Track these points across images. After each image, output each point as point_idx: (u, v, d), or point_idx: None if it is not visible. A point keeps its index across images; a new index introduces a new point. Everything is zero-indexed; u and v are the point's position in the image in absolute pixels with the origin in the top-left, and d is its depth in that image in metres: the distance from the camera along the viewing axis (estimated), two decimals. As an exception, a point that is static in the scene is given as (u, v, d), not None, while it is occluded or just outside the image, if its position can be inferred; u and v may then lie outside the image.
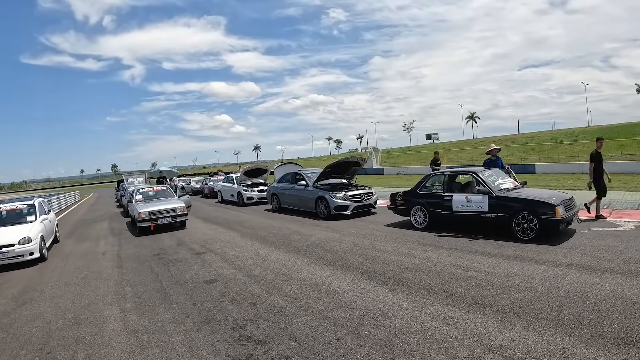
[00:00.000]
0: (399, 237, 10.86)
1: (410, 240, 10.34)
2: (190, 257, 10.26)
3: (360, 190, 15.53)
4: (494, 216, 10.03)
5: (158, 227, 14.73)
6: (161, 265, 9.70)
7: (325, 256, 9.35)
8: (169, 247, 11.80)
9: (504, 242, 9.17)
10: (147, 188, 18.01)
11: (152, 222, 14.54)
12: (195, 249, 11.33)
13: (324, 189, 15.74)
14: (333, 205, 14.81)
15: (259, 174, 25.02)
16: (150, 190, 17.61)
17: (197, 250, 11.13)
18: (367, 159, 58.04)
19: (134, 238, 14.09)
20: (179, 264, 9.61)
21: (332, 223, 14.08)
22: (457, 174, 11.94)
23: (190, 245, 11.85)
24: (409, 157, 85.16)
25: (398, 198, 12.64)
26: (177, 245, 12.01)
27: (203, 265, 9.37)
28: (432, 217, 11.57)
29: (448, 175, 11.62)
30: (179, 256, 10.50)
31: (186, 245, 12.01)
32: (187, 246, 11.80)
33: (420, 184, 12.21)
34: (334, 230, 12.59)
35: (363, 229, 12.60)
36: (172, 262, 9.92)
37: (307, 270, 8.30)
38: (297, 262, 8.97)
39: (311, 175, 17.07)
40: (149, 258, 10.60)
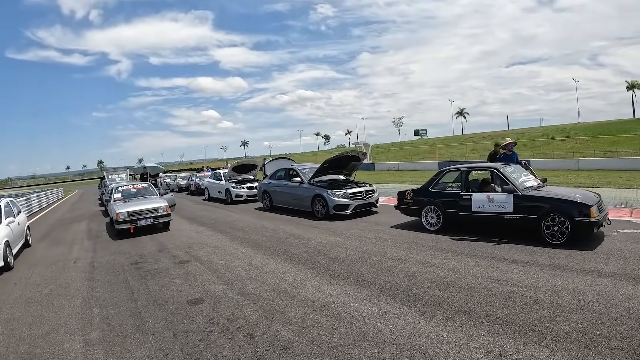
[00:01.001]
0: (411, 242, 9.64)
1: (425, 246, 9.17)
2: (173, 267, 8.87)
3: (361, 188, 14.21)
4: (520, 218, 8.95)
5: (138, 230, 13.28)
6: (138, 277, 8.32)
7: (331, 266, 8.03)
8: (149, 254, 10.39)
9: (532, 247, 8.19)
10: (127, 185, 16.43)
11: (131, 224, 13.10)
12: (178, 256, 9.94)
13: (322, 186, 14.36)
14: (332, 205, 13.46)
15: (249, 169, 23.40)
16: (130, 187, 16.06)
17: (180, 257, 9.73)
18: (360, 154, 57.61)
19: (111, 242, 12.64)
20: (159, 277, 8.22)
21: (331, 224, 12.73)
22: (476, 169, 10.73)
23: (173, 252, 10.44)
24: (398, 152, 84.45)
25: (407, 197, 11.38)
26: (158, 252, 10.60)
27: (187, 278, 7.98)
28: (447, 218, 10.37)
29: (466, 171, 10.34)
30: (160, 266, 9.10)
31: (168, 251, 10.60)
32: (169, 252, 10.39)
33: (432, 181, 10.97)
34: (335, 233, 11.27)
35: (368, 231, 11.30)
36: (151, 273, 8.54)
37: (312, 285, 6.95)
38: (299, 275, 7.62)
39: (306, 171, 15.65)
40: (125, 268, 9.20)
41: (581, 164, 35.77)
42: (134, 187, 16.08)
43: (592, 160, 37.92)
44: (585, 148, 52.35)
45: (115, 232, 13.49)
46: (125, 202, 14.29)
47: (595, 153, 47.68)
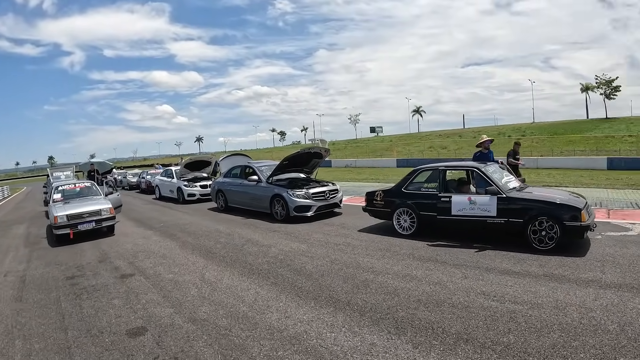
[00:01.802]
0: (384, 249, 8.69)
1: (401, 253, 8.25)
2: (113, 283, 7.58)
3: (324, 187, 13.16)
4: (504, 222, 8.24)
5: (79, 235, 11.86)
6: (72, 297, 7.00)
7: (297, 281, 6.94)
8: (88, 265, 9.06)
9: (519, 254, 7.58)
10: (68, 185, 14.87)
11: (71, 229, 11.68)
12: (120, 267, 8.65)
13: (281, 185, 13.24)
14: (293, 206, 12.39)
15: (202, 166, 22.12)
16: (72, 187, 14.58)
17: (123, 270, 8.46)
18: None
19: (48, 250, 11.20)
20: (97, 296, 6.94)
21: (292, 227, 11.64)
22: (454, 169, 9.87)
23: (115, 262, 9.14)
24: (355, 149, 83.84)
25: (377, 198, 10.40)
26: (98, 262, 9.28)
27: (128, 298, 6.72)
28: (422, 221, 9.49)
29: (443, 170, 9.44)
30: (99, 281, 7.80)
31: (110, 261, 9.28)
32: (111, 263, 9.08)
33: (405, 181, 10.01)
34: (298, 239, 10.20)
35: (334, 236, 10.28)
36: (87, 291, 7.25)
37: (277, 308, 5.82)
38: (261, 293, 6.47)
39: (264, 168, 14.47)
40: (59, 284, 7.86)
41: (540, 163, 36.17)
42: (76, 187, 14.56)
43: (550, 159, 38.36)
44: (541, 147, 52.89)
45: (54, 238, 12.05)
46: (66, 203, 12.85)
47: (553, 152, 48.16)
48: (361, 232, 10.42)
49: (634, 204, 12.75)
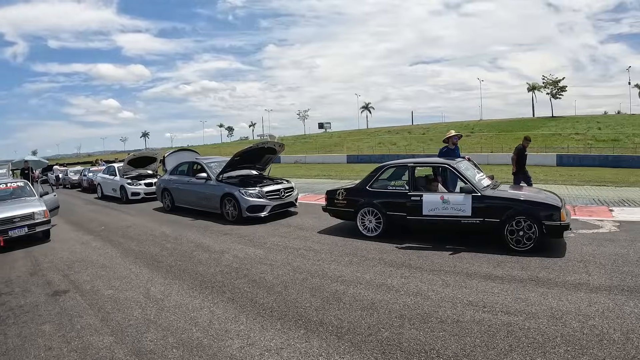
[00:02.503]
0: (350, 253, 7.98)
1: (369, 258, 7.57)
2: (44, 303, 6.47)
3: (279, 185, 12.29)
4: (480, 222, 7.81)
5: (10, 242, 10.61)
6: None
7: (257, 296, 6.06)
8: (18, 279, 7.90)
9: (496, 256, 7.22)
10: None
11: (1, 235, 10.42)
12: (54, 282, 7.53)
13: (232, 183, 12.29)
14: (245, 205, 11.47)
15: (147, 163, 20.71)
16: (3, 187, 13.17)
17: (56, 285, 7.34)
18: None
19: None
20: (24, 320, 5.86)
21: (246, 229, 10.73)
22: (424, 165, 9.37)
23: (48, 275, 7.99)
24: (304, 145, 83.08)
25: (338, 197, 9.63)
26: (30, 275, 8.13)
27: (61, 322, 5.65)
28: (390, 222, 8.86)
29: (412, 167, 8.76)
30: (28, 300, 6.67)
31: (43, 273, 8.13)
32: (44, 276, 7.93)
33: (370, 178, 9.31)
34: (253, 242, 9.32)
35: (293, 239, 9.46)
36: (15, 313, 6.15)
37: (237, 332, 4.92)
38: (217, 313, 5.55)
39: (213, 165, 13.44)
40: (-20, 304, 6.77)
41: (490, 159, 36.80)
42: (8, 187, 13.15)
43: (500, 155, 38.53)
44: (490, 144, 53.45)
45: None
46: (-6, 206, 11.61)
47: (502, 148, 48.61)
48: (322, 234, 9.67)
49: (596, 200, 12.76)
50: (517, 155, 12.72)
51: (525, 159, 12.83)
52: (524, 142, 12.90)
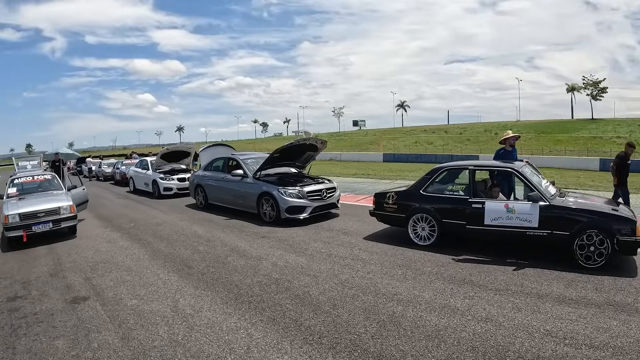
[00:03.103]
0: (403, 265, 7.10)
1: (425, 272, 6.71)
2: (60, 312, 5.78)
3: (321, 185, 11.40)
4: (547, 234, 6.92)
5: (34, 237, 10.03)
6: (7, 331, 5.25)
7: (302, 316, 5.22)
8: (36, 281, 7.26)
9: (564, 274, 6.37)
10: (25, 177, 12.76)
11: (24, 230, 9.84)
12: (74, 286, 6.85)
13: (270, 181, 11.45)
14: (285, 206, 10.63)
15: (181, 157, 19.97)
16: (30, 179, 12.56)
17: (76, 289, 6.65)
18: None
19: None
20: (37, 331, 5.18)
21: (285, 232, 9.90)
22: (486, 169, 8.45)
23: (69, 277, 7.33)
24: (339, 142, 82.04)
25: (388, 201, 8.71)
26: (49, 276, 7.48)
27: (76, 339, 4.92)
28: (445, 231, 7.96)
29: (474, 171, 7.85)
30: (44, 306, 6.01)
31: (64, 275, 7.48)
32: (64, 278, 7.27)
33: (425, 182, 8.38)
34: (294, 248, 8.47)
35: (337, 245, 8.57)
36: (27, 323, 5.48)
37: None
38: (255, 337, 4.72)
39: (250, 161, 12.64)
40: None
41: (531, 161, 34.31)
42: (34, 179, 12.56)
43: (541, 157, 37.20)
44: (529, 146, 51.78)
45: (6, 241, 10.22)
46: (20, 199, 10.95)
47: (542, 150, 47.03)
48: (368, 241, 8.78)
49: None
50: (618, 165, 10.55)
51: (627, 169, 10.55)
52: (627, 149, 10.61)
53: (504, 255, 7.25)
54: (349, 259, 7.49)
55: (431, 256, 7.47)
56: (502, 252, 7.41)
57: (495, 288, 5.90)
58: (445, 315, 5.06)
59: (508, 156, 9.62)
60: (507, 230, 7.18)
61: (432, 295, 5.73)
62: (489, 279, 6.28)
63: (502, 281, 6.15)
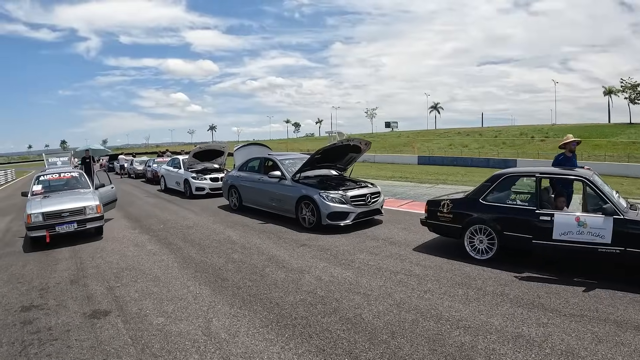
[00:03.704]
0: (463, 283, 6.26)
1: (488, 292, 5.89)
2: (77, 328, 5.11)
3: (364, 189, 10.51)
4: (619, 252, 6.09)
5: (57, 238, 9.48)
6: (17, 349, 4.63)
7: (356, 347, 4.42)
8: (55, 288, 6.63)
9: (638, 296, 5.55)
10: (51, 174, 12.15)
11: (47, 230, 9.28)
12: (95, 296, 6.18)
13: (310, 184, 10.62)
14: (326, 212, 9.78)
15: (214, 156, 19.26)
16: (56, 176, 11.95)
17: (97, 301, 5.98)
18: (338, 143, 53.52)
19: (19, 257, 8.82)
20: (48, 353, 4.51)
21: (327, 240, 9.07)
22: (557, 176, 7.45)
23: (90, 285, 6.67)
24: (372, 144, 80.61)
25: (443, 209, 7.85)
26: (70, 283, 6.86)
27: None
28: (506, 244, 7.09)
29: (540, 178, 6.95)
30: (60, 320, 5.35)
31: (85, 282, 6.83)
32: (85, 287, 6.63)
33: (484, 189, 7.50)
34: (338, 259, 7.65)
35: (385, 257, 7.73)
36: (40, 340, 4.82)
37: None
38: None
39: (288, 162, 11.92)
40: (9, 319, 5.48)
41: None
42: (61, 177, 11.95)
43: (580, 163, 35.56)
44: (567, 151, 50.27)
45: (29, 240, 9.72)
46: (45, 197, 10.37)
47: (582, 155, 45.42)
48: (419, 253, 7.92)
49: None
50: None
51: None
52: None
53: (569, 273, 6.47)
54: (402, 274, 6.66)
55: (491, 273, 6.64)
56: (566, 269, 6.65)
57: (569, 313, 5.11)
58: (520, 348, 4.28)
59: (568, 162, 8.76)
60: (577, 246, 6.32)
61: (501, 321, 4.91)
62: (559, 301, 5.47)
63: (574, 305, 5.35)
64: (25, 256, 8.79)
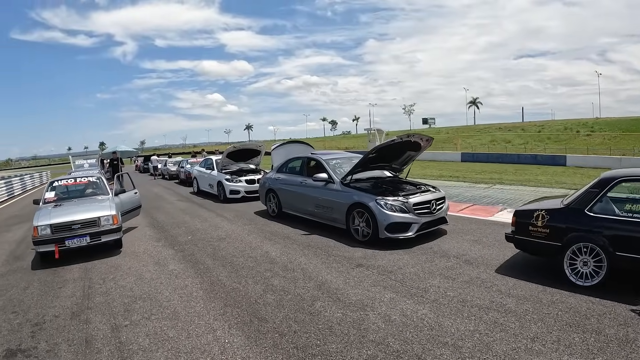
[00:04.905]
0: (574, 323, 4.63)
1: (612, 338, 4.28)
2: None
3: (428, 194, 8.84)
4: None
5: (68, 253, 8.17)
6: None
7: None
8: (52, 323, 5.33)
9: None
10: (66, 179, 10.78)
11: (56, 245, 7.95)
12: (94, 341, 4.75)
13: (363, 189, 8.89)
14: (385, 222, 8.03)
15: (250, 156, 17.74)
16: (71, 182, 10.57)
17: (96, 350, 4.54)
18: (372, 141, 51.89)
19: (24, 274, 7.62)
20: None
21: (386, 257, 7.41)
22: None
23: (93, 322, 5.26)
24: (411, 141, 79.12)
25: (537, 222, 6.11)
26: (71, 317, 5.49)
27: None
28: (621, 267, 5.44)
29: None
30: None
31: (87, 318, 5.43)
32: (86, 324, 5.23)
33: (591, 197, 5.77)
34: (407, 288, 5.97)
35: (464, 283, 6.06)
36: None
37: None
38: None
39: (336, 163, 10.21)
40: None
41: (624, 163, 31.48)
42: (77, 182, 10.54)
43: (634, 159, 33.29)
44: (614, 145, 47.59)
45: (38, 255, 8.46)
46: (57, 206, 9.02)
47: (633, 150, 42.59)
48: (504, 277, 6.21)
49: None
50: None
51: None
52: None
53: None
54: (494, 311, 5.00)
55: (602, 306, 5.01)
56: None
57: None
58: None
59: None
60: None
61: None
62: None
63: None
64: (31, 275, 7.55)
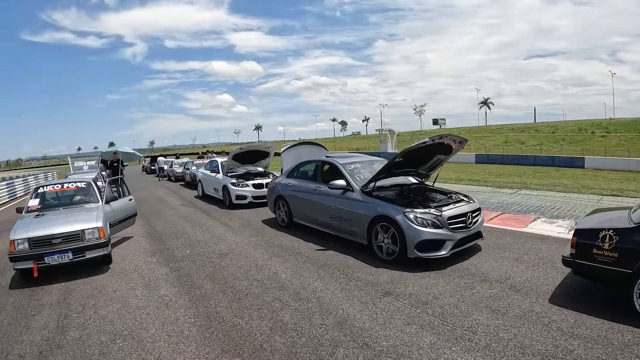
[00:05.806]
0: None
1: None
2: None
3: (463, 205, 7.62)
4: None
5: (48, 270, 7.17)
6: None
7: None
8: None
9: None
10: (53, 185, 9.60)
11: (34, 261, 6.92)
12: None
13: (388, 198, 7.63)
14: (416, 240, 6.81)
15: (258, 158, 16.41)
16: (58, 187, 9.38)
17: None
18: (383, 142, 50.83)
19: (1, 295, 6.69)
20: None
21: (418, 283, 6.23)
22: None
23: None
24: (422, 142, 77.94)
25: (603, 244, 4.95)
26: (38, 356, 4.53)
27: None
28: None
29: None
30: None
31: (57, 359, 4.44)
32: None
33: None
34: (447, 325, 4.84)
35: (516, 319, 4.90)
36: None
37: None
38: None
39: (354, 168, 8.95)
40: None
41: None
42: (64, 188, 9.35)
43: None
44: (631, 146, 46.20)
45: (19, 272, 7.43)
46: (38, 216, 7.96)
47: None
48: (562, 309, 5.09)
49: None
50: None
51: None
52: None
53: None
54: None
55: None
56: None
57: None
58: None
59: None
60: None
61: None
62: None
63: None
64: (6, 296, 6.60)
